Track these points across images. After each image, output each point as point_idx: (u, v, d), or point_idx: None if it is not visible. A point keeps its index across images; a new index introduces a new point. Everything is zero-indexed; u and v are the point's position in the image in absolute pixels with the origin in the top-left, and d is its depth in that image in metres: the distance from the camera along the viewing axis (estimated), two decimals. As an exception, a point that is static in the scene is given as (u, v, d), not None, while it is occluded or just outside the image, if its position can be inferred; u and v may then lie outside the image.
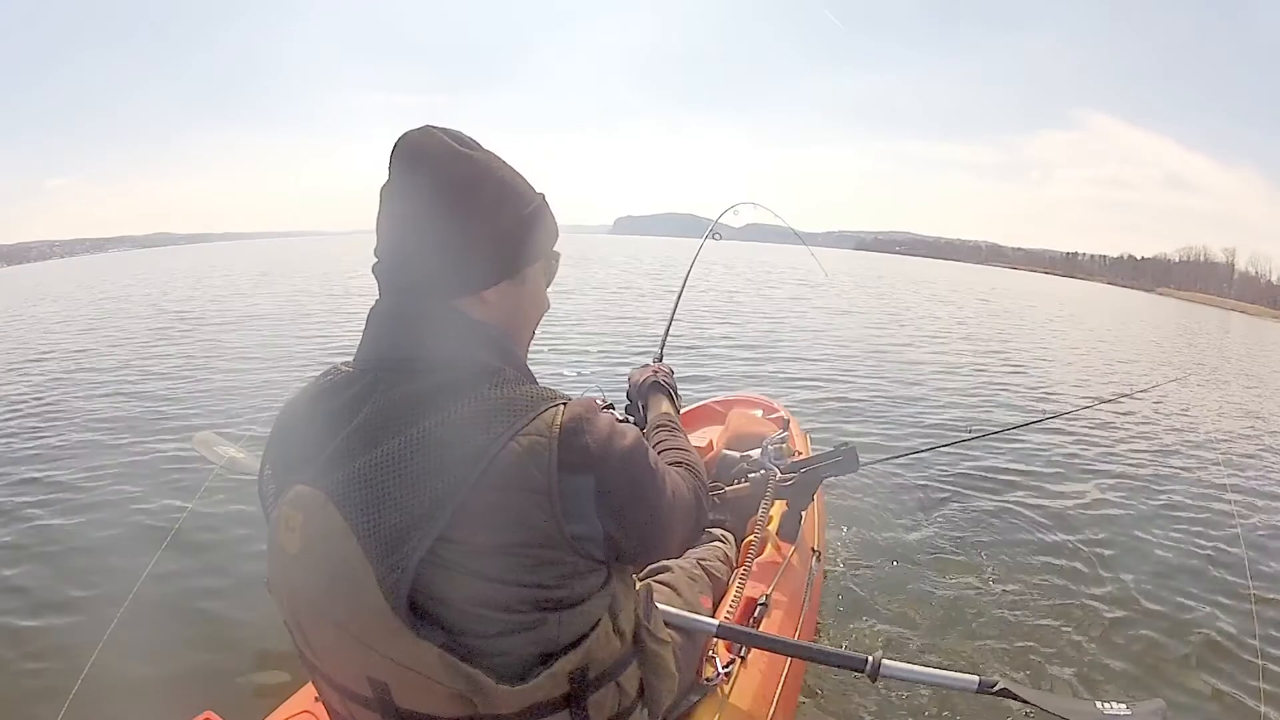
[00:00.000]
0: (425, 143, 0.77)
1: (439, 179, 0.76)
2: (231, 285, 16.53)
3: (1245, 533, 3.53)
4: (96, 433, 4.22)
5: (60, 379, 5.93)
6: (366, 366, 0.78)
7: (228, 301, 12.56)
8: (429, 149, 0.77)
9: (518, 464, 0.69)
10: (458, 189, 0.77)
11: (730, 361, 7.31)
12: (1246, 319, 42.49)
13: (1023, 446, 4.59)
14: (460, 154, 0.78)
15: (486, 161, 0.80)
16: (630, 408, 1.33)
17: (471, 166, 0.78)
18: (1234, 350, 15.76)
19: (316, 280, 17.00)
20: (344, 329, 8.43)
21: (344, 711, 0.80)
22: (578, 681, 0.77)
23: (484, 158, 0.80)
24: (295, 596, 0.75)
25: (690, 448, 1.05)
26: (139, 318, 10.43)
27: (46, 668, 1.91)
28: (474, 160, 0.79)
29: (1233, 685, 2.26)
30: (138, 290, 15.61)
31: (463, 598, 0.70)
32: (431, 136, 0.78)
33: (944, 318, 14.45)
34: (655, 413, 1.25)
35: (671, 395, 1.30)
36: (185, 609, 2.19)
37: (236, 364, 6.44)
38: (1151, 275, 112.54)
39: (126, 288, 16.49)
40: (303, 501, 0.72)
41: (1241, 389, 9.19)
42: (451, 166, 0.77)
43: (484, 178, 0.79)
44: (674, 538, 0.87)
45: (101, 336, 8.46)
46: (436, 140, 0.78)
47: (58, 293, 16.30)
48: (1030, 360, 9.19)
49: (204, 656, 1.97)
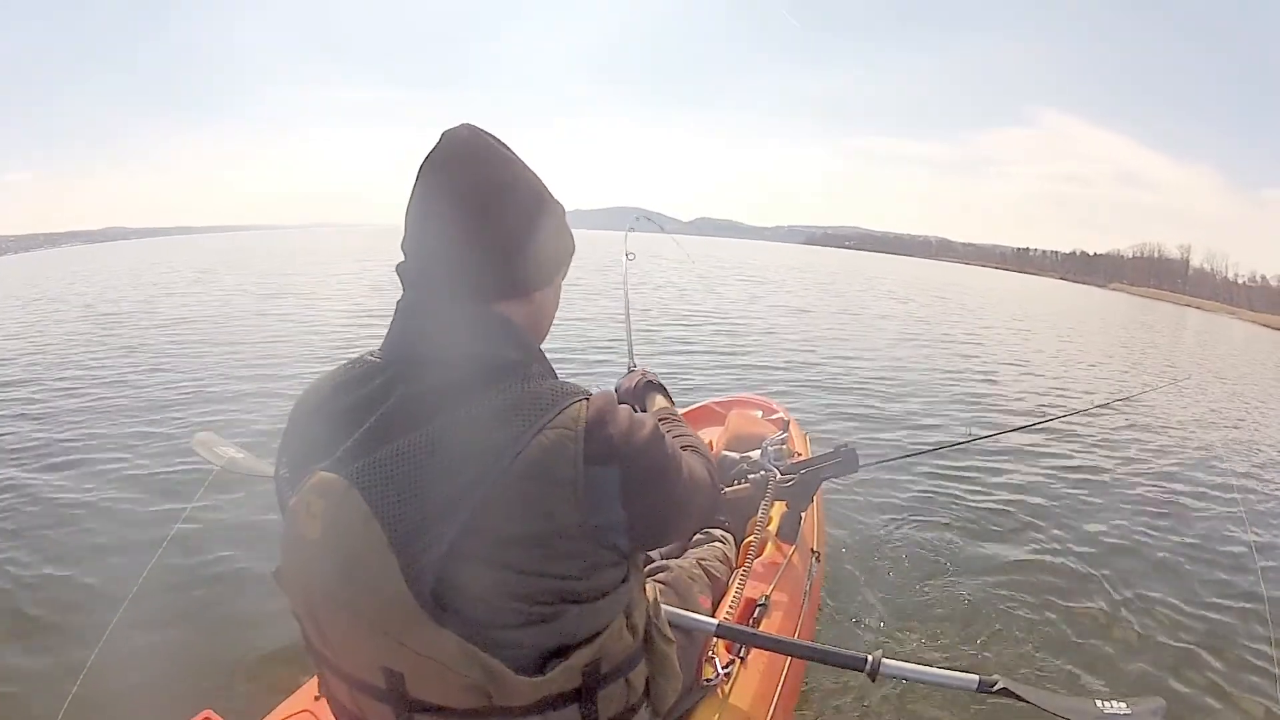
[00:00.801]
0: (474, 142, 0.79)
1: (486, 179, 0.78)
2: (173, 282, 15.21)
3: (1250, 529, 3.54)
4: (95, 431, 4.21)
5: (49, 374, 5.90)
6: (394, 358, 0.78)
7: (164, 300, 11.76)
8: (478, 149, 0.79)
9: (545, 457, 0.71)
10: (504, 192, 0.79)
11: (700, 369, 6.92)
12: (1205, 315, 43.09)
13: (1021, 448, 4.60)
14: (507, 157, 0.80)
15: (525, 168, 0.82)
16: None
17: (515, 171, 0.80)
18: (1214, 349, 15.90)
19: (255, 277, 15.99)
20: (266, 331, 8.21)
21: (351, 705, 0.79)
22: (590, 676, 0.78)
23: (523, 165, 0.82)
24: (311, 584, 0.74)
25: (695, 434, 1.07)
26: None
27: (47, 669, 1.91)
28: (516, 165, 0.81)
29: (1233, 683, 2.26)
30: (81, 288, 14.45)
31: (485, 588, 0.71)
32: (479, 136, 0.79)
33: (902, 316, 14.46)
34: (654, 409, 1.26)
35: (667, 393, 1.33)
36: (184, 609, 2.19)
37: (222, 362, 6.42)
38: (1104, 271, 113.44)
39: (70, 286, 15.20)
40: (325, 488, 0.71)
41: (1233, 388, 9.23)
42: (501, 169, 0.79)
43: (524, 185, 0.81)
44: (692, 518, 0.89)
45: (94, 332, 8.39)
46: (484, 141, 0.79)
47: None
48: (1013, 363, 9.22)
49: (203, 656, 1.97)
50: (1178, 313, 39.83)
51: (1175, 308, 49.52)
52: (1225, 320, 44.02)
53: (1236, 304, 75.33)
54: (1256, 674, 2.33)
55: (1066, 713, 1.11)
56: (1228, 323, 40.16)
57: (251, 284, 14.15)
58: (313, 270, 17.64)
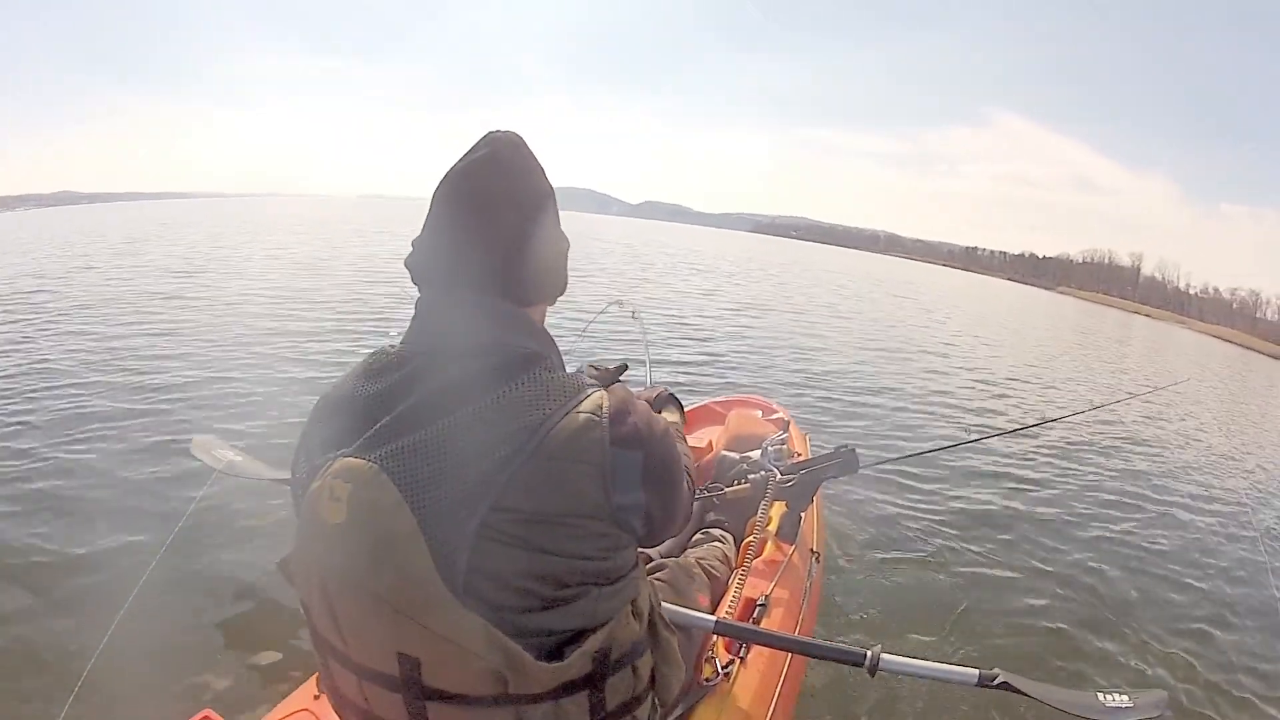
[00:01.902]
0: (519, 149, 0.84)
1: (527, 188, 0.83)
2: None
3: (1256, 524, 3.56)
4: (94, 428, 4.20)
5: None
6: (418, 349, 0.81)
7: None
8: (523, 157, 0.84)
9: (573, 437, 0.74)
10: (530, 205, 0.83)
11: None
12: (1153, 323, 43.50)
13: (1021, 448, 4.62)
14: (536, 170, 0.85)
15: (548, 189, 0.87)
16: None
17: (541, 187, 0.85)
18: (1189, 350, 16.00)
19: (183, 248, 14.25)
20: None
21: (358, 697, 0.79)
22: (600, 663, 0.79)
23: (548, 184, 0.87)
24: (329, 569, 0.75)
25: (689, 454, 1.09)
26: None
27: (49, 670, 1.91)
28: (543, 182, 0.86)
29: (1234, 676, 2.27)
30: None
31: (512, 569, 0.72)
32: (522, 145, 0.84)
33: (888, 317, 14.38)
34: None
35: (681, 410, 1.40)
36: (184, 611, 2.19)
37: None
38: (1052, 274, 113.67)
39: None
40: (351, 473, 0.72)
41: (1225, 389, 9.27)
42: (532, 180, 0.84)
43: (545, 204, 0.86)
44: (681, 515, 0.92)
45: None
46: (526, 151, 0.85)
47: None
48: (1013, 365, 9.25)
49: (203, 657, 1.97)
50: (1126, 319, 40.35)
51: (1123, 314, 49.98)
52: (1175, 329, 44.75)
53: (1188, 314, 76.06)
54: (1257, 666, 2.34)
55: (1067, 706, 1.12)
56: (1177, 331, 40.99)
57: (179, 255, 12.70)
58: (239, 244, 16.19)
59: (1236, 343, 39.56)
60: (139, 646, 1.79)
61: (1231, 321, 67.76)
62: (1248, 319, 71.00)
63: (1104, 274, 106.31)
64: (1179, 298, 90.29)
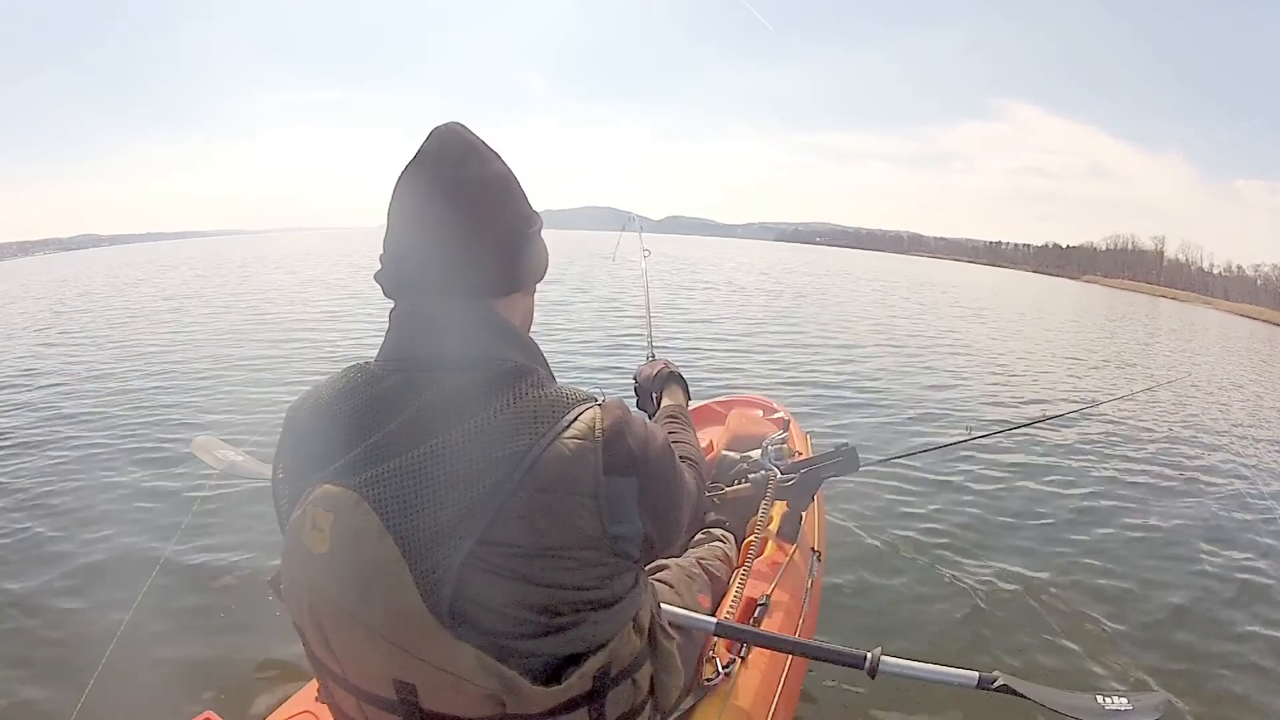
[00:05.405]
0: (466, 139, 0.79)
1: (479, 176, 0.78)
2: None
3: (1255, 528, 3.55)
4: (98, 433, 4.21)
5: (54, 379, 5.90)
6: (396, 366, 0.77)
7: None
8: (472, 146, 0.79)
9: (563, 467, 0.70)
10: (495, 190, 0.79)
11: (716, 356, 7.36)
12: (1182, 305, 43.28)
13: (1022, 447, 4.60)
14: (495, 155, 0.80)
15: (508, 171, 0.82)
16: (641, 400, 1.36)
17: (503, 170, 0.81)
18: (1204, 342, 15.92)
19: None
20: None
21: (358, 715, 0.78)
22: (600, 680, 0.76)
23: (506, 166, 0.82)
24: (319, 598, 0.72)
25: (695, 442, 1.07)
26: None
27: (55, 674, 1.92)
28: (503, 164, 0.81)
29: (1236, 678, 2.26)
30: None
31: (502, 600, 0.69)
32: (468, 134, 0.79)
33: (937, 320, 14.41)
34: (669, 402, 1.27)
35: (685, 387, 1.34)
36: (187, 613, 2.20)
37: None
38: (1078, 263, 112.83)
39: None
40: (333, 501, 0.69)
41: (1228, 384, 9.24)
42: (492, 166, 0.80)
43: (514, 184, 0.82)
44: (683, 529, 0.89)
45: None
46: (474, 139, 0.79)
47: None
48: (1017, 361, 9.20)
49: (205, 659, 1.98)
50: (1153, 304, 40.21)
51: (1150, 299, 49.83)
52: (1201, 310, 44.55)
53: (1213, 294, 75.24)
54: (1259, 669, 2.33)
55: (1067, 708, 1.11)
56: (1204, 312, 40.79)
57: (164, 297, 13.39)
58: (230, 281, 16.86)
59: (1264, 320, 38.93)
60: (143, 650, 1.80)
61: (1256, 299, 67.09)
62: (1273, 294, 70.15)
63: (1128, 260, 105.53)
64: (1203, 279, 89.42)
